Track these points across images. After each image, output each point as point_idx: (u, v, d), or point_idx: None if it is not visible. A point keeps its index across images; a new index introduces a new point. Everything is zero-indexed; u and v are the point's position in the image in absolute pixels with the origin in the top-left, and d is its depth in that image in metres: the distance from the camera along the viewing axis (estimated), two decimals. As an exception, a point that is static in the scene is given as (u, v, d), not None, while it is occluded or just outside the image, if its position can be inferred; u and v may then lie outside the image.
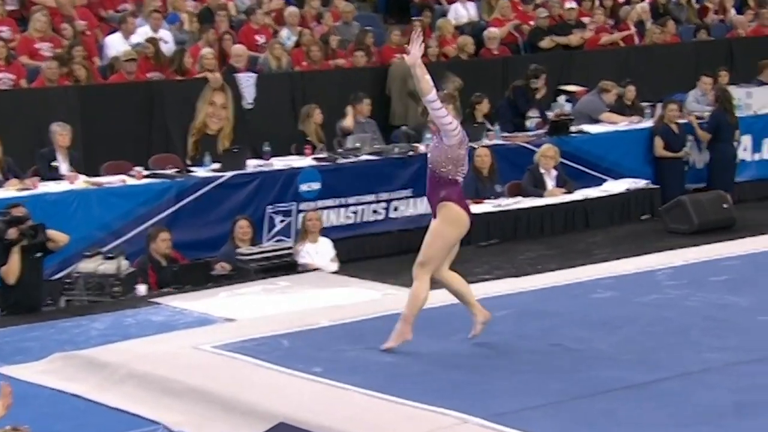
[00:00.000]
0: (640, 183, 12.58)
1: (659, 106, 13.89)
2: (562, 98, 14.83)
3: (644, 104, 14.33)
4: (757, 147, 14.35)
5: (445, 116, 6.94)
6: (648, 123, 13.81)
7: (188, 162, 11.62)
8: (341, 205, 11.77)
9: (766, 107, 14.42)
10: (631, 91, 14.27)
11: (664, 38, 16.15)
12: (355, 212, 11.88)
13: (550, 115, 13.82)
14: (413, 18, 15.47)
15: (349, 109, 12.63)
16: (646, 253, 9.94)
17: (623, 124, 13.74)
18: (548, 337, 7.47)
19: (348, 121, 12.57)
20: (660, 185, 13.04)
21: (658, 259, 9.60)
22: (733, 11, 17.77)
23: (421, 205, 12.25)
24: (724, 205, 11.39)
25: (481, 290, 8.76)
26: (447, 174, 7.05)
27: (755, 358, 6.95)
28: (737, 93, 14.24)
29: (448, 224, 7.11)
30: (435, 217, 7.19)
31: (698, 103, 14.57)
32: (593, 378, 6.67)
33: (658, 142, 13.37)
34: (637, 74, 14.84)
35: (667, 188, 12.93)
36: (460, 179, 7.09)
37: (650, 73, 15.26)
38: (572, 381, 6.61)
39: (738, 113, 13.96)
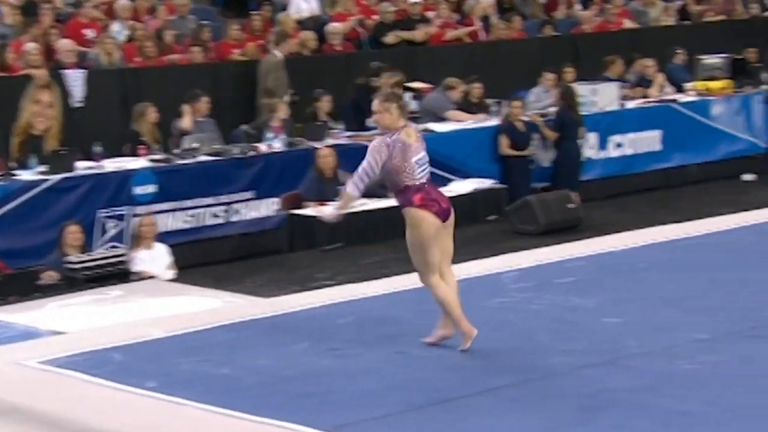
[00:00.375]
0: (487, 183, 12.76)
1: (505, 103, 14.12)
2: (407, 96, 14.93)
3: (490, 101, 14.55)
4: (603, 145, 14.72)
5: (368, 157, 7.15)
6: (494, 121, 14.02)
7: (12, 164, 11.31)
8: (178, 209, 11.64)
9: (611, 104, 14.80)
10: (477, 88, 14.47)
11: (509, 34, 16.43)
12: (193, 216, 11.77)
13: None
14: (252, 12, 15.38)
15: (186, 108, 12.49)
16: (492, 255, 10.07)
17: (469, 122, 13.93)
18: (392, 345, 7.50)
19: (185, 121, 12.43)
20: (507, 185, 13.25)
21: (504, 261, 9.73)
22: (578, 6, 18.17)
23: (264, 208, 12.21)
24: (570, 205, 11.63)
25: (322, 297, 8.77)
26: (398, 184, 7.22)
27: (601, 361, 7.09)
28: (583, 90, 14.58)
29: (410, 228, 7.30)
30: None
31: (539, 100, 14.85)
32: (437, 387, 6.71)
33: (504, 141, 13.58)
34: (483, 71, 15.05)
35: (514, 188, 13.15)
36: (415, 183, 7.19)
37: (496, 70, 15.49)
38: (414, 390, 6.64)
39: (583, 110, 14.30)
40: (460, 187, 12.56)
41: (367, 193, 11.92)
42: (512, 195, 12.80)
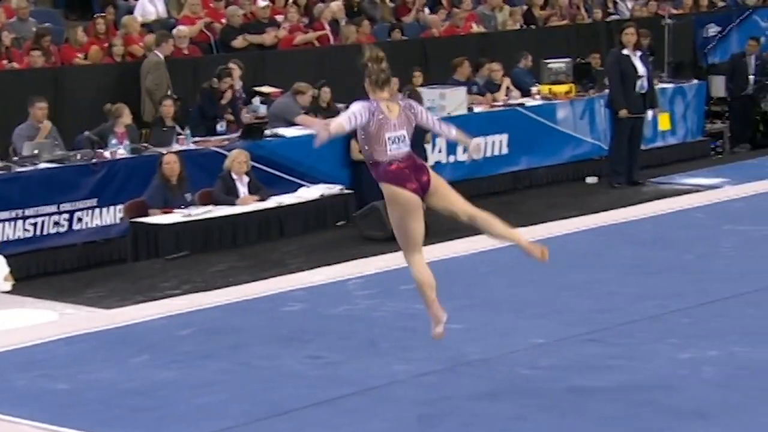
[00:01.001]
0: (335, 188, 12.78)
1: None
2: (256, 100, 14.90)
3: (340, 105, 14.58)
4: (451, 149, 14.86)
5: (352, 107, 6.84)
6: (344, 125, 14.05)
7: None
8: (18, 218, 11.39)
9: (459, 108, 14.97)
10: (326, 93, 14.49)
11: (359, 38, 16.49)
12: (33, 225, 11.52)
13: (248, 117, 13.88)
14: (96, 14, 15.14)
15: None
16: (339, 262, 10.10)
17: (318, 126, 13.92)
18: (234, 356, 7.47)
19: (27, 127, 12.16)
20: (358, 190, 13.31)
21: (350, 267, 9.77)
22: (426, 10, 18.36)
23: (108, 215, 12.02)
24: (417, 210, 11.70)
25: (165, 307, 8.68)
26: (370, 156, 6.99)
27: (441, 369, 7.19)
28: (430, 94, 14.72)
29: (387, 205, 7.17)
30: None
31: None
32: (279, 397, 6.71)
33: (354, 145, 13.61)
34: (332, 75, 15.08)
35: (366, 192, 13.20)
36: (386, 159, 6.94)
37: (346, 74, 15.50)
38: (256, 402, 6.63)
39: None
40: (307, 193, 12.56)
41: (213, 200, 11.96)
42: (364, 200, 12.84)
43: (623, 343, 7.64)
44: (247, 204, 11.96)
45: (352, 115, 6.80)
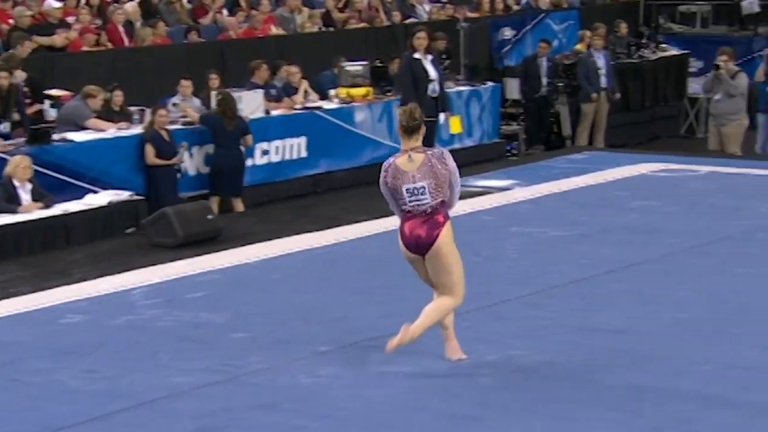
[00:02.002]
0: (124, 195, 12.51)
1: (149, 111, 13.91)
2: (46, 103, 14.47)
3: (133, 109, 14.30)
4: (249, 152, 14.73)
5: None
6: (138, 129, 13.79)
7: None
8: None
9: (257, 111, 14.86)
10: (118, 96, 14.16)
11: (154, 39, 16.21)
12: None
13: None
14: None
15: None
16: (126, 270, 9.89)
17: (111, 130, 13.62)
18: (6, 372, 7.22)
19: None
20: (153, 195, 13.07)
21: (135, 276, 9.58)
22: (225, 12, 18.17)
23: None
24: (209, 216, 11.58)
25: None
26: (397, 207, 7.32)
27: (223, 379, 7.09)
28: (227, 98, 14.57)
29: None
30: None
31: (178, 108, 14.72)
32: (51, 415, 6.51)
33: (149, 150, 13.37)
34: (125, 77, 14.76)
35: (161, 198, 12.97)
36: (403, 210, 7.28)
37: (140, 77, 15.24)
38: (26, 420, 6.42)
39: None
40: (94, 199, 12.23)
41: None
42: (160, 205, 12.60)
43: (405, 350, 7.65)
44: (31, 211, 11.57)
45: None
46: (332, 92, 16.11)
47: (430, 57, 14.03)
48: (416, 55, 13.93)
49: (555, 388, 7.00)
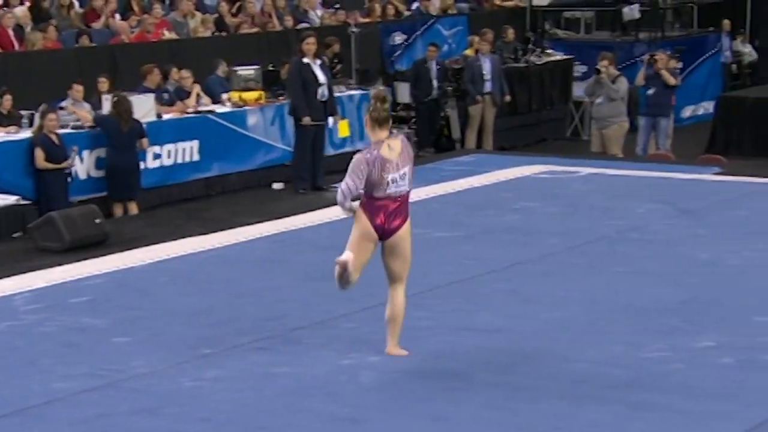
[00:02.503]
0: (11, 199, 12.23)
1: (38, 115, 13.64)
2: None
3: (23, 113, 14.01)
4: (143, 155, 14.52)
5: (349, 174, 7.16)
6: (27, 133, 13.51)
7: None
8: None
9: (148, 115, 14.64)
10: (7, 100, 13.87)
11: (45, 44, 15.88)
12: None
13: None
14: None
15: None
16: (10, 275, 9.64)
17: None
18: None
19: None
20: (43, 199, 12.82)
21: (19, 281, 9.35)
22: (117, 17, 17.88)
23: None
24: (97, 220, 11.35)
25: None
26: (370, 192, 7.20)
27: (103, 384, 6.95)
28: (117, 102, 14.35)
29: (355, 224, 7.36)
30: None
31: (70, 112, 14.46)
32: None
33: (39, 154, 13.11)
34: (15, 82, 14.44)
35: (51, 202, 12.72)
36: (382, 195, 7.19)
37: (30, 81, 14.93)
38: None
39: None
40: (-22, 205, 11.95)
41: None
42: (50, 209, 12.33)
43: (289, 351, 7.62)
44: None
45: (350, 186, 7.11)
46: (224, 96, 15.96)
47: (318, 62, 13.98)
48: (305, 60, 13.86)
49: (434, 388, 6.99)
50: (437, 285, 9.08)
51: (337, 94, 16.80)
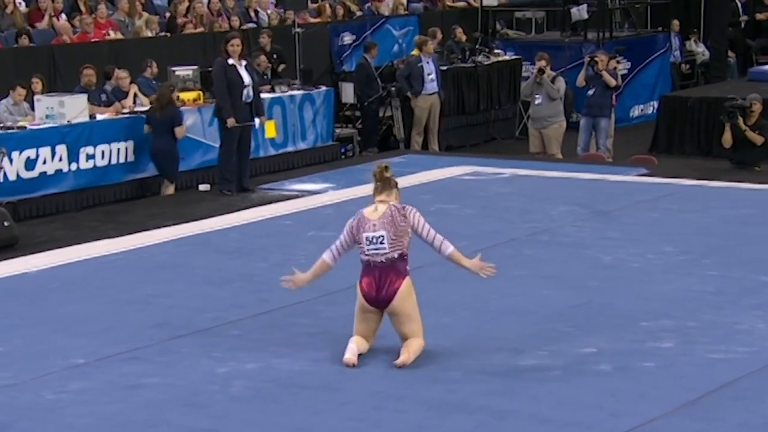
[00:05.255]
0: None
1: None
2: None
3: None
4: (74, 157, 14.23)
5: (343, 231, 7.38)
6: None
7: None
8: None
9: (81, 116, 14.35)
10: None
11: (-19, 45, 15.61)
12: None
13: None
14: None
15: None
16: None
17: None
18: None
19: None
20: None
21: None
22: (63, 16, 17.58)
23: None
24: (6, 223, 11.06)
25: None
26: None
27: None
28: (49, 102, 14.08)
29: None
30: None
31: (11, 113, 14.20)
32: None
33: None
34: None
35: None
36: (363, 259, 7.32)
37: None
38: None
39: (53, 123, 13.86)
40: None
41: None
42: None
43: (164, 360, 7.33)
44: None
45: (342, 242, 7.34)
46: (161, 96, 15.65)
47: (244, 63, 13.71)
48: (230, 61, 13.58)
49: (303, 398, 6.72)
50: (334, 290, 8.79)
51: (278, 94, 16.60)
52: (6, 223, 11.00)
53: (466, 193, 12.16)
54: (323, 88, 17.54)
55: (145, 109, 15.01)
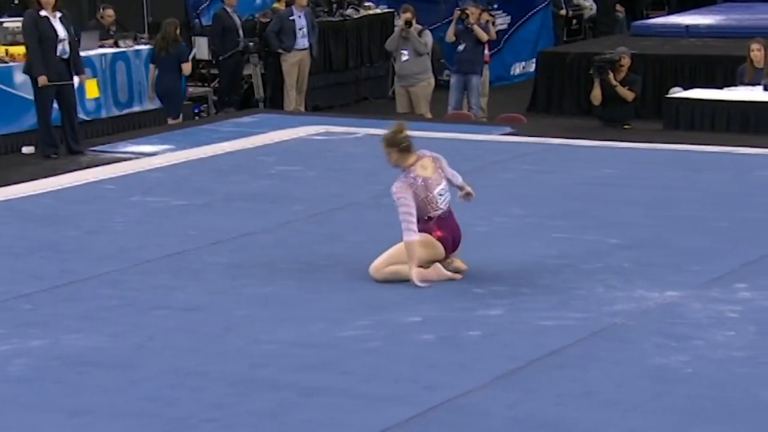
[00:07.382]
0: None
1: None
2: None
3: None
4: None
5: (400, 201, 7.75)
6: None
7: None
8: None
9: None
10: None
11: None
12: None
13: None
14: None
15: None
16: None
17: None
18: None
19: None
20: None
21: None
22: None
23: None
24: None
25: None
26: (422, 216, 7.75)
27: None
28: None
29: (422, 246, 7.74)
30: None
31: None
32: None
33: None
34: None
35: None
36: (438, 214, 7.84)
37: None
38: None
39: None
40: None
41: None
42: None
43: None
44: None
45: (408, 210, 7.65)
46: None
47: (58, 15, 13.23)
48: (42, 13, 13.12)
49: (92, 377, 6.45)
50: (147, 259, 8.54)
51: (123, 49, 16.20)
52: None
53: (312, 154, 11.96)
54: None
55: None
